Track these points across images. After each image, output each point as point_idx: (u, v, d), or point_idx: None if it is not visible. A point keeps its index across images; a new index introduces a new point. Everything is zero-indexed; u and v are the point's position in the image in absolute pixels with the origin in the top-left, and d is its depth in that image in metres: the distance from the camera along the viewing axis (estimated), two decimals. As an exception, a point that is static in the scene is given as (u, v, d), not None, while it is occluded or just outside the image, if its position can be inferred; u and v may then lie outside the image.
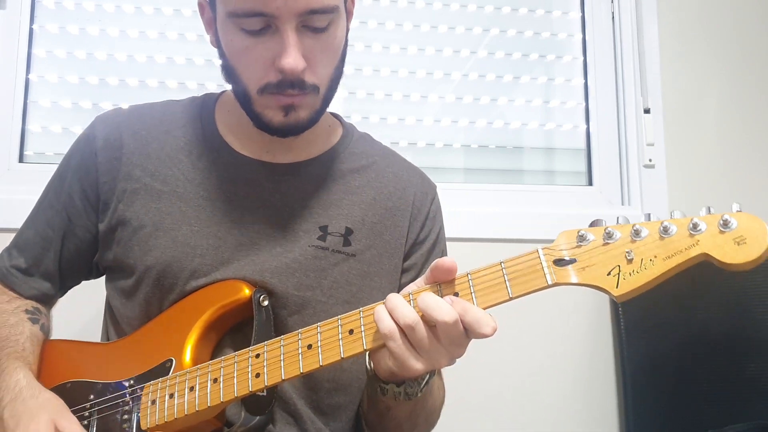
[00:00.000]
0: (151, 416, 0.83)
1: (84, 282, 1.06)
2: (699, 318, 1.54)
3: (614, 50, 1.80)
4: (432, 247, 1.04)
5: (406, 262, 1.02)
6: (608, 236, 0.68)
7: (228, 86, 0.96)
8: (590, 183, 1.78)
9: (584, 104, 1.80)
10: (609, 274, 0.67)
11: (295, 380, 0.91)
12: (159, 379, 0.85)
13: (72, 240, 0.99)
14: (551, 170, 1.81)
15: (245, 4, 0.82)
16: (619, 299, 0.67)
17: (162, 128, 0.99)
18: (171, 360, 0.86)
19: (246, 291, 0.89)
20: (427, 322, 0.71)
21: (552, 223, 1.62)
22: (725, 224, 0.64)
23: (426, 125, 1.76)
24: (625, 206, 1.72)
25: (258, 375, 0.79)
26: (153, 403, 0.84)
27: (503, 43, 1.80)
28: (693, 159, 1.74)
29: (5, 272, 1.00)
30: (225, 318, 0.89)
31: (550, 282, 0.70)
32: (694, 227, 0.65)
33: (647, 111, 1.74)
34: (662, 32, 1.78)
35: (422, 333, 0.71)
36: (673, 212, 0.68)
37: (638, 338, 1.56)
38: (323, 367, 0.76)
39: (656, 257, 0.66)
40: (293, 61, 0.83)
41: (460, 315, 0.70)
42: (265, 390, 0.84)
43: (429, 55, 1.77)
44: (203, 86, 1.66)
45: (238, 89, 0.90)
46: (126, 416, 0.85)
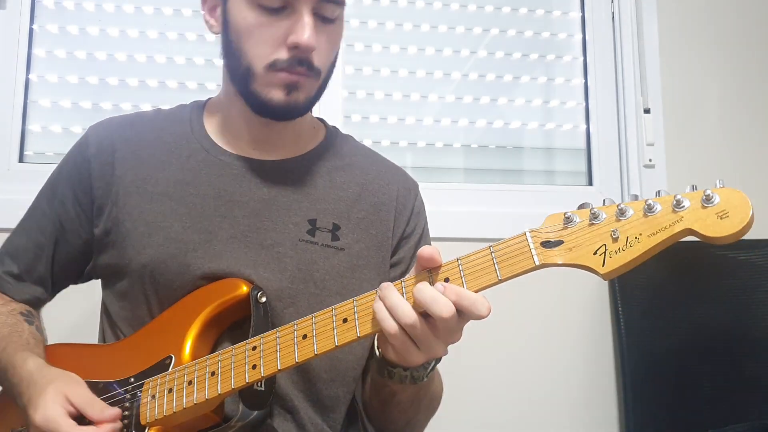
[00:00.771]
0: (151, 411, 0.84)
1: (79, 285, 1.08)
2: (699, 318, 1.54)
3: (614, 50, 1.80)
4: (418, 241, 1.07)
5: (395, 257, 1.04)
6: (594, 217, 0.70)
7: (212, 88, 0.96)
8: (590, 183, 1.78)
9: (584, 104, 1.80)
10: (595, 254, 0.68)
11: (293, 373, 0.93)
12: (158, 375, 0.86)
13: (64, 246, 1.01)
14: (551, 170, 1.81)
15: None
16: (606, 277, 0.68)
17: (152, 134, 1.02)
18: (171, 357, 0.87)
19: (244, 288, 0.90)
20: (422, 312, 0.73)
21: (552, 223, 1.62)
22: (708, 199, 0.65)
23: (426, 125, 1.76)
24: (625, 206, 1.71)
25: (254, 366, 0.80)
26: (153, 398, 0.85)
27: (503, 43, 1.80)
28: (693, 159, 1.75)
29: None
30: (223, 315, 0.91)
31: (538, 263, 0.71)
32: (678, 204, 0.66)
33: (647, 111, 1.74)
34: (662, 32, 1.78)
35: (421, 329, 0.73)
36: (660, 191, 0.68)
37: (638, 338, 1.56)
38: (318, 356, 0.78)
39: (641, 234, 0.67)
40: (308, 38, 0.88)
41: (455, 301, 0.71)
42: (263, 384, 0.85)
43: (429, 55, 1.77)
44: (203, 86, 1.66)
45: (240, 66, 0.93)
46: (126, 412, 0.86)
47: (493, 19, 1.81)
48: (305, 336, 0.79)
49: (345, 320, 0.77)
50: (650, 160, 1.71)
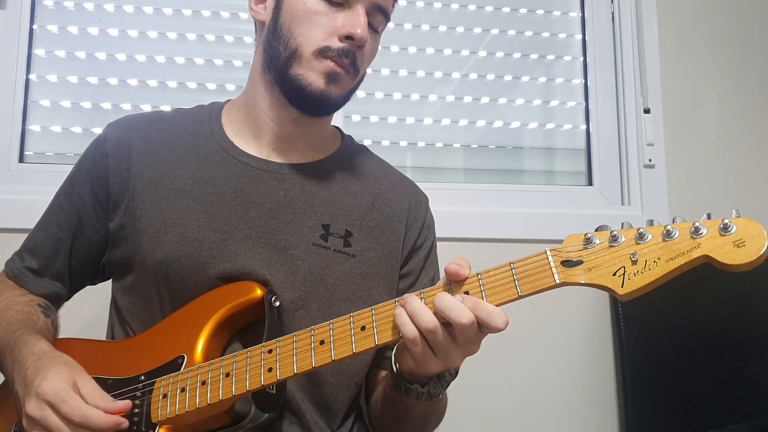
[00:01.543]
0: (162, 409, 0.85)
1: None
2: (699, 318, 1.54)
3: (614, 50, 1.81)
4: (428, 254, 1.08)
5: (404, 268, 1.05)
6: (614, 239, 0.72)
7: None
8: (590, 183, 1.78)
9: (584, 104, 1.80)
10: (614, 275, 0.71)
11: (301, 377, 0.93)
12: (170, 374, 0.87)
13: (82, 241, 1.02)
14: (551, 170, 1.81)
15: None
16: (624, 298, 0.71)
17: (171, 132, 1.03)
18: (183, 356, 0.88)
19: (258, 291, 0.91)
20: (443, 323, 0.75)
21: (552, 224, 1.63)
22: (725, 228, 0.68)
23: (426, 125, 1.76)
24: (625, 206, 1.72)
25: (270, 369, 0.81)
26: (164, 397, 0.85)
27: (503, 43, 1.80)
28: (693, 159, 1.75)
29: (18, 273, 1.03)
30: (236, 317, 0.91)
31: (558, 281, 0.74)
32: (696, 231, 0.69)
33: (647, 111, 1.74)
34: (662, 32, 1.78)
35: (442, 336, 0.75)
36: (675, 218, 0.71)
37: (638, 338, 1.56)
38: (335, 362, 0.79)
39: (660, 258, 0.70)
40: (363, 32, 0.93)
41: (472, 311, 0.73)
42: (275, 387, 0.86)
43: (429, 55, 1.77)
44: (203, 86, 1.65)
45: (287, 48, 0.95)
46: (136, 410, 0.86)
47: (493, 19, 1.81)
48: (322, 342, 0.80)
49: (363, 328, 0.79)
50: (650, 160, 1.71)
